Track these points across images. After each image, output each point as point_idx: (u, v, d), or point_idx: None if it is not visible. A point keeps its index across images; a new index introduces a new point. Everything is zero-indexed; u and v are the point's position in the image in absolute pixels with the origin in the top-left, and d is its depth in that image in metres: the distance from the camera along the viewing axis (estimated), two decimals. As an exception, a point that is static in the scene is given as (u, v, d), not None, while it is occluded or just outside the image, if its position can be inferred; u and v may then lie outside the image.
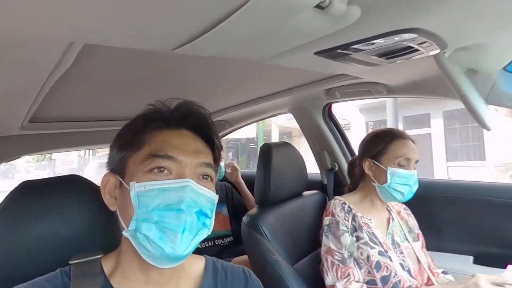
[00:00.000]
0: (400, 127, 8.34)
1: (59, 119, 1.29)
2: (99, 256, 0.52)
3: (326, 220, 1.01)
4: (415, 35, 0.58)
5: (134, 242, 0.47)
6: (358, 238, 0.95)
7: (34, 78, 0.70)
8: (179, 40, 0.52)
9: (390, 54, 0.68)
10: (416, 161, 0.98)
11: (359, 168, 1.08)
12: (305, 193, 1.36)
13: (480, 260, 1.23)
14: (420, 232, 1.11)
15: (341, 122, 1.70)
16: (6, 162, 1.51)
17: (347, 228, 0.95)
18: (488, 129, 0.75)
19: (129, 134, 0.53)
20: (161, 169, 0.48)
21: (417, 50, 0.66)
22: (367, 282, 0.90)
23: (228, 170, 1.82)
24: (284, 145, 1.27)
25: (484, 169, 7.51)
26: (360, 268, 0.91)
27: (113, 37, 0.50)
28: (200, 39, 0.50)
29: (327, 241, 0.96)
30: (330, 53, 0.66)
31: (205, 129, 0.55)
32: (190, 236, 0.47)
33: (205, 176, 0.52)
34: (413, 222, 1.12)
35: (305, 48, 0.63)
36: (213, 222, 0.52)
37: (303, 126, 1.68)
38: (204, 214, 0.49)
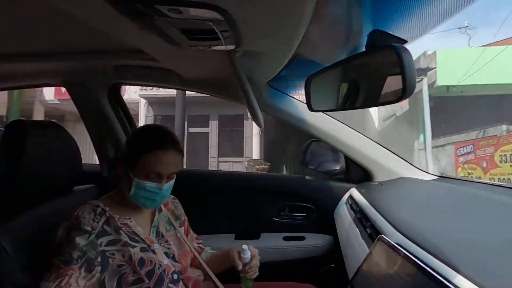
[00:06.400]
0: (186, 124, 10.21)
1: None
2: None
3: (65, 223, 0.88)
4: (221, 18, 0.52)
5: None
6: (114, 242, 0.88)
7: None
8: None
9: (193, 33, 0.61)
10: (172, 174, 0.96)
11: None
12: (77, 188, 1.12)
13: (240, 236, 1.48)
14: (186, 218, 1.17)
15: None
16: None
17: (92, 229, 0.86)
18: (261, 127, 0.84)
19: None
20: None
21: (218, 38, 0.61)
22: (133, 282, 0.86)
23: None
24: (48, 126, 0.98)
25: (241, 164, 10.58)
26: (90, 271, 0.83)
27: None
28: None
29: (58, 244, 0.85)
30: (129, 6, 0.51)
31: None
32: None
33: None
34: (180, 210, 1.16)
35: None
36: None
37: (81, 105, 1.38)
38: None
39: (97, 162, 1.50)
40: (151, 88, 8.93)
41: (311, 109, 0.83)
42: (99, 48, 0.99)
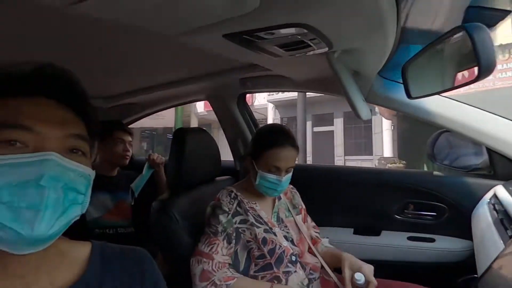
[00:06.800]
0: (309, 124, 10.07)
1: None
2: None
3: (211, 203, 1.10)
4: (306, 31, 0.63)
5: None
6: (244, 221, 1.06)
7: None
8: None
9: (288, 46, 0.74)
10: (289, 168, 1.06)
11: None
12: (218, 178, 1.40)
13: (359, 231, 1.47)
14: (303, 207, 1.25)
15: (258, 116, 1.77)
16: None
17: (229, 210, 1.05)
18: (362, 119, 0.87)
19: None
20: (12, 142, 0.41)
21: (309, 45, 0.72)
22: (258, 257, 1.02)
23: (158, 160, 1.73)
24: (198, 131, 1.28)
25: (370, 162, 9.63)
26: (229, 243, 1.01)
27: None
28: None
29: (208, 218, 1.08)
30: (238, 38, 0.70)
31: (73, 96, 0.47)
32: (54, 214, 0.40)
33: (74, 150, 0.45)
34: (298, 199, 1.25)
35: (213, 29, 0.66)
36: (88, 200, 0.46)
37: (219, 114, 1.72)
38: (75, 189, 0.43)
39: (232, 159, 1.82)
40: (276, 93, 9.69)
41: (409, 96, 0.78)
42: (228, 68, 1.27)
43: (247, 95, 1.71)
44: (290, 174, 1.06)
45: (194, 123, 11.74)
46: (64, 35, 0.87)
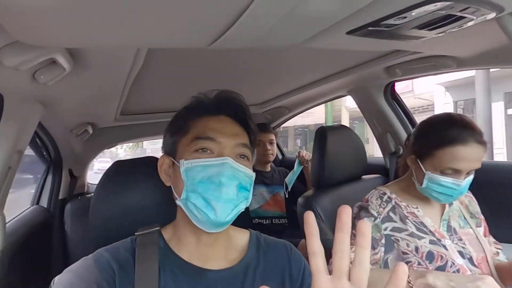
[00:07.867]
0: (498, 106, 7.20)
1: (144, 112, 1.62)
2: (157, 228, 0.61)
3: (358, 203, 0.99)
4: (449, 2, 0.51)
5: (185, 209, 0.55)
6: (399, 230, 0.89)
7: (117, 79, 0.94)
8: (211, 36, 0.59)
9: (432, 25, 0.61)
10: (471, 171, 0.82)
11: (405, 158, 0.99)
12: (365, 177, 1.31)
13: None
14: (483, 217, 0.96)
15: (422, 102, 1.48)
16: (108, 148, 2.08)
17: (377, 214, 0.91)
18: None
19: (178, 122, 0.62)
20: (204, 149, 0.55)
21: (463, 17, 0.57)
22: None
23: (306, 156, 1.81)
24: (340, 128, 1.26)
25: None
26: (373, 248, 0.88)
27: (154, 40, 0.62)
28: (229, 32, 0.57)
29: (353, 219, 0.97)
30: (362, 31, 0.64)
31: (241, 114, 0.61)
32: (230, 206, 0.53)
33: (242, 156, 0.58)
34: (476, 207, 0.98)
35: (335, 30, 0.64)
36: (251, 196, 0.58)
37: (363, 107, 1.59)
38: (244, 187, 0.56)
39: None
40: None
41: None
42: (368, 58, 1.19)
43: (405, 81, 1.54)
44: (471, 177, 0.83)
45: (345, 117, 11.47)
46: (228, 63, 1.09)
